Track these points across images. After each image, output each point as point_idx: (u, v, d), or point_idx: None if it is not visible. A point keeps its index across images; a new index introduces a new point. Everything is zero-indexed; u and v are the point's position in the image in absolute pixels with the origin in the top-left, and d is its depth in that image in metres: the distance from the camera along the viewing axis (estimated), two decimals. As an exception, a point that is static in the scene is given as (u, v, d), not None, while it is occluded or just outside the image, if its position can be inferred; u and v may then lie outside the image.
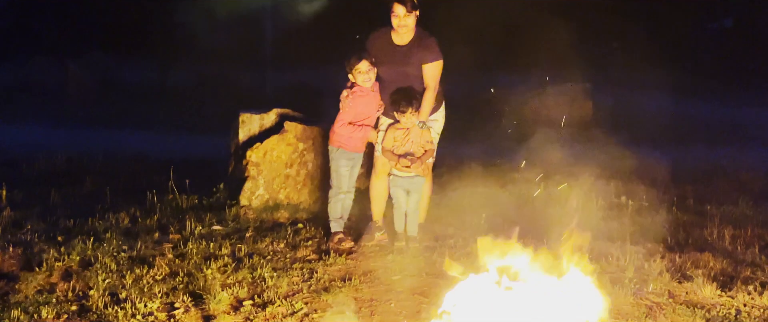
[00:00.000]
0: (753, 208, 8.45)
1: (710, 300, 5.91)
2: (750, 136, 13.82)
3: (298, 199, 8.04)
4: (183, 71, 21.44)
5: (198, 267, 6.29)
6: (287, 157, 7.98)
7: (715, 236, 7.41)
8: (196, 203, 8.17)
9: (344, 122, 6.98)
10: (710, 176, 10.03)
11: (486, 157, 10.61)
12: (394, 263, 6.67)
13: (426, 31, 7.02)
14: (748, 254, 6.96)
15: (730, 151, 11.03)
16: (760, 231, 7.62)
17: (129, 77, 21.33)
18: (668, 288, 6.08)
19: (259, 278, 6.13)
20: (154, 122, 15.35)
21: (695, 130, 14.02)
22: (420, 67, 6.90)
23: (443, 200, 8.21)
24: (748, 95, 17.12)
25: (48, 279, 6.02)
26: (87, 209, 7.85)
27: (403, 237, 7.11)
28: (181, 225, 7.41)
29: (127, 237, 7.04)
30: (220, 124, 9.76)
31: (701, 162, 10.92)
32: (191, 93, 19.18)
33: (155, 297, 5.68)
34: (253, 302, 5.67)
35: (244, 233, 7.28)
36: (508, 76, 16.82)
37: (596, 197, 8.08)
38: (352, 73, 6.94)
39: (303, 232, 7.42)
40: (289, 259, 6.68)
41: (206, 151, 10.67)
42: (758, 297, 5.91)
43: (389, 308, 5.71)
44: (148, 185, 8.46)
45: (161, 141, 12.75)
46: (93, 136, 12.96)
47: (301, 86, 17.03)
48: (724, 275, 6.43)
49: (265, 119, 8.27)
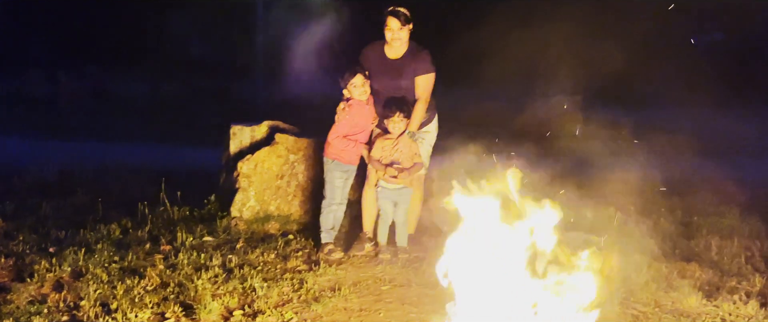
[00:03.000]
0: (739, 219, 8.52)
1: (696, 309, 5.98)
2: (738, 148, 13.89)
3: (288, 210, 8.08)
4: (175, 84, 21.47)
5: (189, 278, 6.32)
6: (278, 168, 8.03)
7: (702, 246, 7.49)
8: (188, 214, 8.20)
9: (339, 135, 7.07)
10: (698, 187, 10.10)
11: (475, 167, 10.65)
12: (383, 274, 6.72)
13: (420, 44, 7.10)
14: (733, 265, 7.04)
15: (718, 163, 11.08)
16: (746, 242, 7.68)
17: (121, 90, 21.34)
18: (654, 298, 6.15)
19: (249, 288, 6.18)
20: (145, 134, 15.35)
21: (684, 142, 14.07)
22: (413, 80, 6.98)
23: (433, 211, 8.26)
24: (736, 108, 17.21)
25: (39, 290, 6.06)
26: (78, 221, 7.88)
27: (389, 249, 7.18)
28: (173, 236, 7.44)
29: (118, 248, 7.07)
30: (211, 136, 9.80)
31: (689, 173, 10.98)
32: (183, 105, 19.21)
33: (146, 308, 5.71)
34: (244, 312, 5.70)
35: (235, 244, 7.33)
36: (496, 88, 16.87)
37: (583, 209, 8.14)
38: (347, 88, 7.03)
39: (293, 243, 7.46)
40: (279, 269, 6.73)
41: (197, 163, 10.69)
42: (743, 307, 5.97)
43: (378, 318, 5.77)
44: (139, 196, 8.46)
45: (153, 153, 12.75)
46: (85, 148, 12.94)
47: (293, 100, 17.04)
48: (710, 285, 6.50)
49: (256, 131, 8.32)
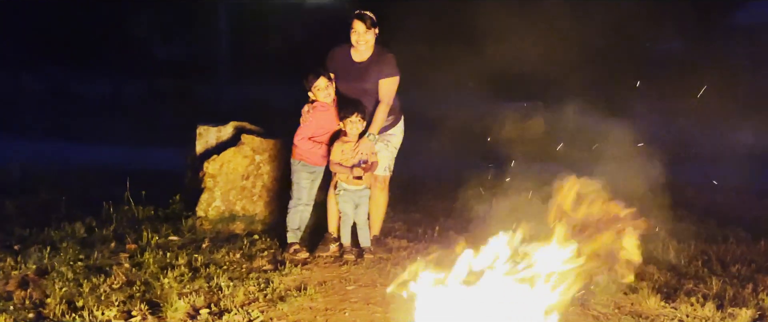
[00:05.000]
0: (697, 223, 8.70)
1: (655, 311, 6.11)
2: (695, 154, 14.12)
3: (253, 210, 8.12)
4: (137, 84, 21.37)
5: (155, 276, 6.34)
6: (244, 169, 8.06)
7: (660, 250, 7.63)
8: (153, 213, 8.21)
9: (305, 136, 7.13)
10: (655, 192, 10.26)
11: (438, 173, 10.78)
12: (348, 274, 6.78)
13: (385, 48, 7.18)
14: (691, 268, 7.19)
15: (676, 168, 11.28)
16: (703, 246, 7.86)
17: (83, 90, 21.17)
18: (614, 300, 6.27)
19: (215, 287, 6.20)
20: (108, 135, 15.29)
21: (642, 148, 14.25)
22: (377, 82, 7.05)
23: (397, 214, 8.36)
24: (690, 114, 17.48)
25: (4, 287, 6.04)
26: (42, 219, 7.86)
27: (353, 250, 7.26)
28: (138, 235, 7.45)
29: (83, 247, 7.07)
30: (174, 137, 9.79)
31: (647, 178, 11.15)
32: (145, 106, 19.13)
33: (112, 306, 5.71)
34: (210, 311, 5.72)
35: (200, 244, 7.35)
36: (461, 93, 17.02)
37: (544, 214, 8.25)
38: (312, 91, 7.09)
39: (258, 243, 7.50)
40: (245, 269, 6.77)
41: (161, 164, 10.69)
42: (700, 308, 6.11)
43: (344, 317, 5.82)
44: (103, 195, 8.45)
45: (115, 153, 12.72)
46: (47, 148, 12.84)
47: (257, 101, 17.08)
48: (668, 287, 6.64)
49: (222, 132, 8.34)
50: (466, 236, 5.88)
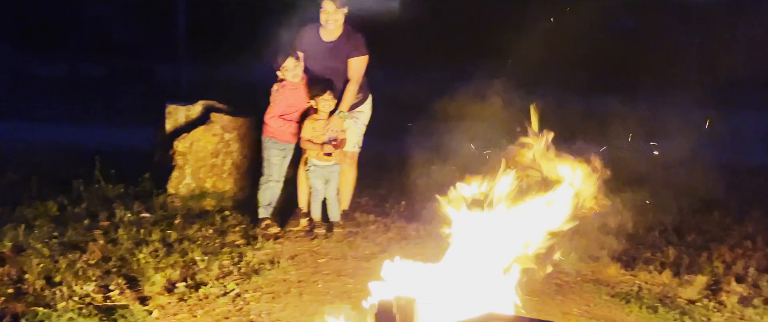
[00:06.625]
0: (652, 196, 8.97)
1: (615, 278, 6.41)
2: (651, 130, 14.41)
3: (223, 187, 8.24)
4: (94, 65, 21.18)
5: (130, 252, 6.47)
6: (213, 147, 8.17)
7: (619, 220, 7.89)
8: (123, 191, 8.27)
9: (275, 115, 7.27)
10: (614, 167, 10.52)
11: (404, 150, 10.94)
12: (319, 247, 6.98)
13: (354, 27, 7.30)
14: (648, 238, 7.48)
15: (633, 144, 11.54)
16: (659, 217, 8.13)
17: (38, 71, 20.94)
18: (576, 268, 6.53)
19: (190, 261, 6.37)
20: (67, 115, 15.25)
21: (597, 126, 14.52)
22: (346, 61, 7.19)
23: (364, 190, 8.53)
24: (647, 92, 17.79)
25: (-19, 264, 6.12)
26: (13, 198, 7.89)
27: (323, 224, 7.43)
28: (110, 213, 7.54)
29: (57, 224, 7.17)
30: (135, 117, 9.83)
31: (607, 154, 11.40)
32: (103, 86, 19.01)
33: (90, 280, 5.84)
34: (186, 284, 5.89)
35: (173, 220, 7.46)
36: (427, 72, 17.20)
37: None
38: (281, 70, 7.21)
39: (230, 219, 7.64)
40: (218, 244, 6.92)
41: (125, 143, 10.73)
42: (658, 275, 6.41)
43: (317, 288, 6.03)
44: (72, 175, 8.51)
45: (78, 133, 12.67)
46: (8, 129, 12.79)
47: (218, 80, 17.06)
48: (628, 256, 6.93)
49: (191, 110, 8.44)
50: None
